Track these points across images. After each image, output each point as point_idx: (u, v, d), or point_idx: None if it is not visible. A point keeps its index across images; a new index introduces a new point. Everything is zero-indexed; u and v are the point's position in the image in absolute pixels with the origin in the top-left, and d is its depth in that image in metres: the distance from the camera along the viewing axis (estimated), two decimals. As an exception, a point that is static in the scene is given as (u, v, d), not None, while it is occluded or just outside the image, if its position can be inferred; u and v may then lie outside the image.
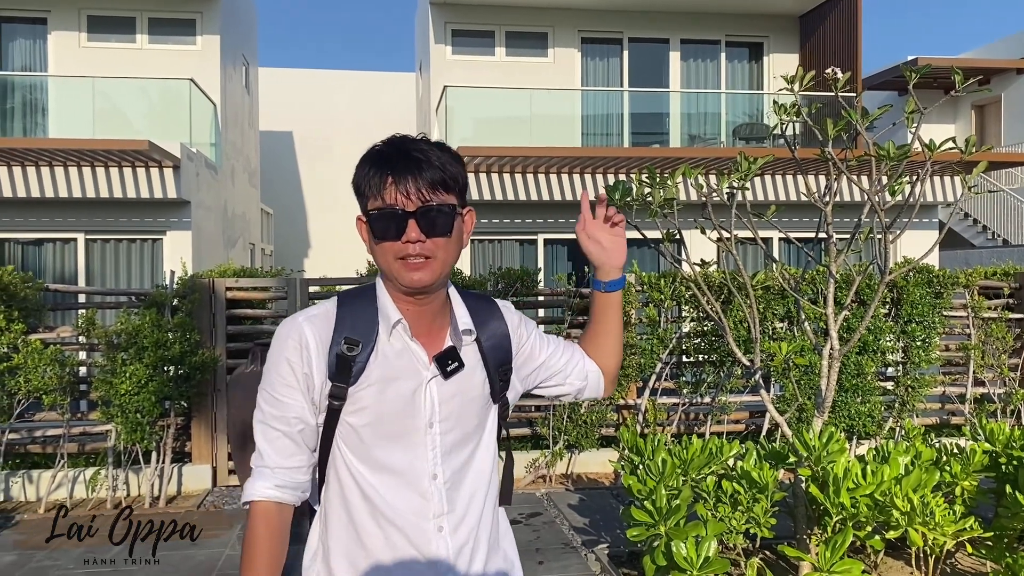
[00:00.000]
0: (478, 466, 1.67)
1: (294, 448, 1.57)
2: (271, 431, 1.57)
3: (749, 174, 4.07)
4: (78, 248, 10.81)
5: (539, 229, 11.70)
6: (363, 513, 1.57)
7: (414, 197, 1.52)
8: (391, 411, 1.56)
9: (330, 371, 1.54)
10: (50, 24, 12.22)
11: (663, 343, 6.88)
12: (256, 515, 1.54)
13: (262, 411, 1.58)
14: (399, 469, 1.57)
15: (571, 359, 1.88)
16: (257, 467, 1.57)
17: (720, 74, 13.82)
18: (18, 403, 6.23)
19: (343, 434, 1.57)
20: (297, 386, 1.55)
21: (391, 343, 1.58)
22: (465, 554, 1.62)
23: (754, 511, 4.10)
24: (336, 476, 1.59)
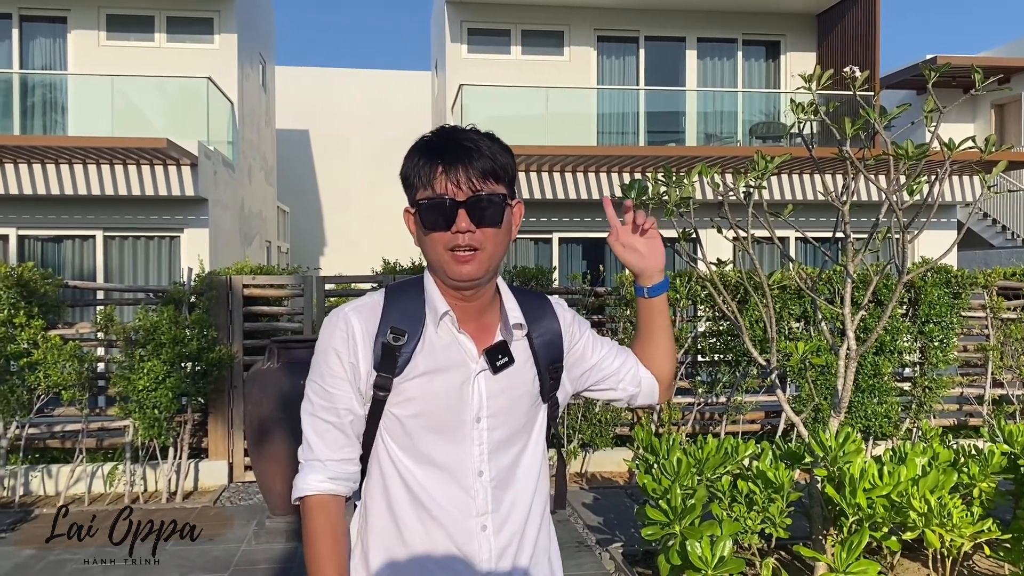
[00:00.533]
0: (526, 466, 1.62)
1: (344, 439, 1.55)
2: (321, 423, 1.54)
3: (766, 173, 4.06)
4: (97, 245, 10.90)
5: (554, 228, 11.70)
6: (405, 506, 1.54)
7: (464, 187, 1.49)
8: (438, 403, 1.53)
9: (375, 361, 1.51)
10: (70, 23, 12.32)
11: (678, 342, 6.87)
12: (313, 509, 1.52)
13: (311, 402, 1.56)
14: (444, 463, 1.54)
15: (624, 363, 1.82)
16: (308, 460, 1.55)
17: (737, 72, 13.76)
18: (37, 398, 6.29)
19: (387, 426, 1.55)
20: (345, 376, 1.53)
21: (439, 335, 1.55)
22: (508, 556, 1.57)
23: (769, 511, 4.09)
24: (379, 468, 1.57)
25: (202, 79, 11.47)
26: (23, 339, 6.20)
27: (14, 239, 10.73)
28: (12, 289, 6.21)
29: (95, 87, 11.90)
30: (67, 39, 12.35)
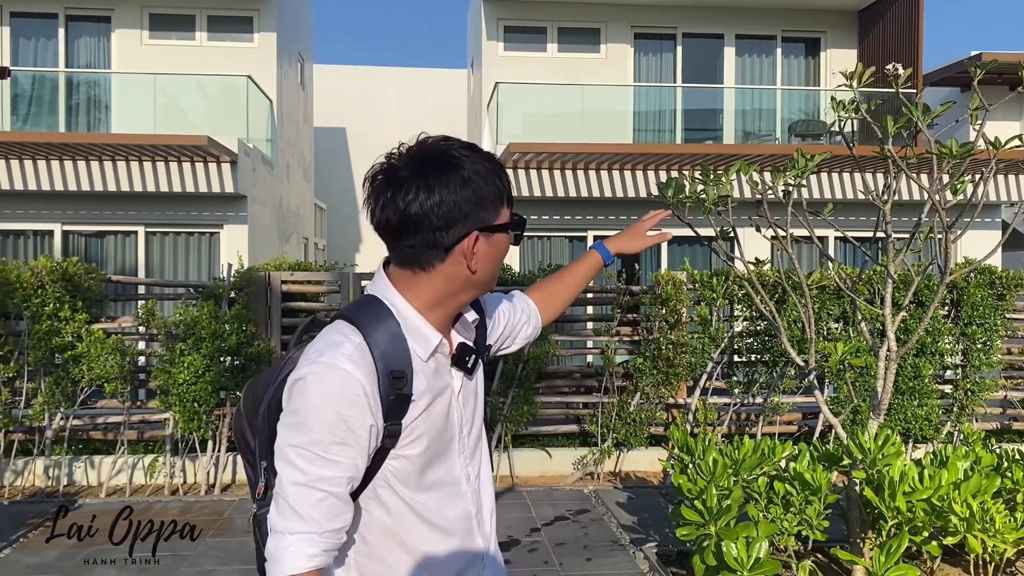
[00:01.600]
0: (486, 454, 1.69)
1: (341, 507, 1.42)
2: (316, 493, 1.38)
3: (806, 171, 4.02)
4: (138, 241, 11.10)
5: (589, 226, 11.67)
6: (422, 533, 1.52)
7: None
8: (436, 431, 1.51)
9: (385, 412, 1.43)
10: (114, 22, 12.54)
11: (715, 342, 6.82)
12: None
13: (302, 472, 1.38)
14: (443, 482, 1.55)
15: (523, 311, 1.89)
16: (295, 534, 1.38)
17: (776, 70, 13.61)
18: (81, 390, 6.43)
19: (394, 468, 1.48)
20: (357, 443, 1.40)
21: (427, 364, 1.49)
22: (493, 540, 1.67)
23: (806, 513, 4.05)
24: (382, 508, 1.50)
25: (242, 77, 11.61)
26: (68, 332, 6.34)
27: (59, 234, 10.96)
28: (57, 283, 6.34)
29: (138, 85, 12.11)
30: (111, 38, 12.58)
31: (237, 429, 1.66)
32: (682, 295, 6.84)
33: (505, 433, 6.84)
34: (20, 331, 6.36)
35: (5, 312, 6.34)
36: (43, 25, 12.49)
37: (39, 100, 12.21)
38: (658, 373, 6.81)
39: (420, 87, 25.11)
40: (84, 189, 10.60)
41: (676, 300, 6.80)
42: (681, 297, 6.82)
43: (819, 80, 13.62)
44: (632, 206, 11.62)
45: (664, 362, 6.78)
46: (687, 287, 6.92)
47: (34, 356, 6.32)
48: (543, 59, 13.17)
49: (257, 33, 12.86)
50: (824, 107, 12.99)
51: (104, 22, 12.61)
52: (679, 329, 6.86)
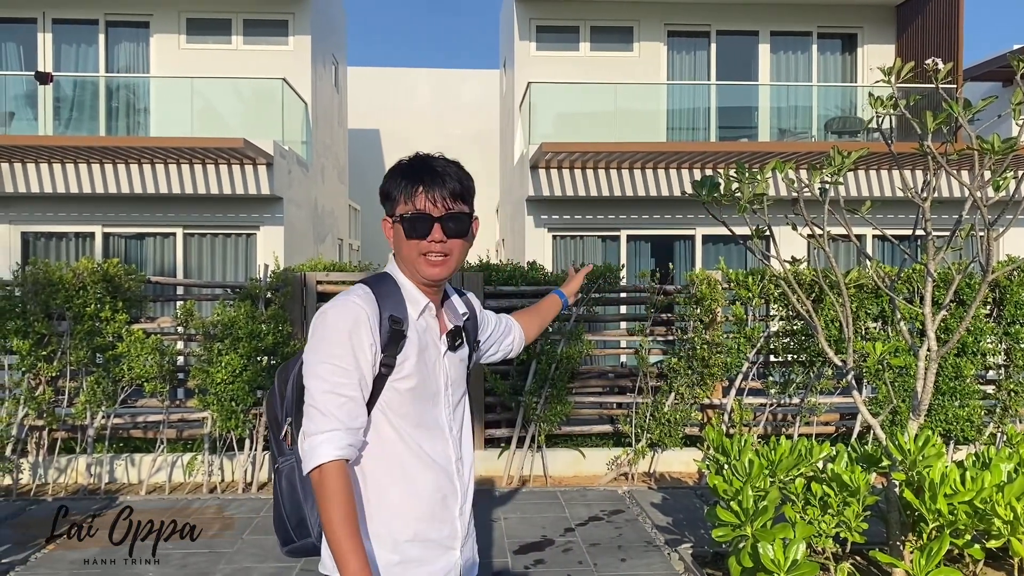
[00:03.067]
0: (467, 420, 2.07)
1: (360, 410, 1.80)
2: (339, 397, 1.76)
3: (843, 169, 3.97)
4: (177, 242, 11.27)
5: (622, 225, 11.62)
6: (407, 460, 1.87)
7: (440, 205, 1.87)
8: (425, 376, 1.90)
9: (383, 343, 1.83)
10: (152, 27, 12.74)
11: (750, 342, 6.76)
12: (333, 472, 1.72)
13: (327, 380, 1.77)
14: (430, 424, 1.92)
15: (507, 328, 2.42)
16: (325, 432, 1.74)
17: (811, 66, 13.44)
18: (122, 389, 6.55)
19: (388, 398, 1.85)
20: (363, 356, 1.80)
21: (419, 321, 1.92)
22: (470, 492, 2.03)
23: (845, 515, 4.00)
24: (377, 436, 1.86)
25: (277, 80, 11.74)
26: (109, 332, 6.46)
27: (100, 236, 11.16)
28: (98, 284, 6.46)
29: (175, 89, 12.28)
30: (149, 43, 12.78)
31: (268, 401, 2.06)
32: (717, 294, 6.78)
33: (539, 433, 6.84)
34: (63, 331, 6.49)
35: (48, 312, 6.48)
36: (84, 31, 12.73)
37: (80, 104, 12.44)
38: (693, 373, 6.76)
39: (453, 88, 25.18)
40: (124, 191, 10.78)
41: (711, 299, 6.75)
42: (716, 296, 6.77)
43: (856, 76, 13.43)
44: (665, 205, 11.55)
45: (699, 362, 6.74)
46: (722, 286, 6.86)
47: (76, 356, 6.44)
48: (576, 58, 13.14)
49: (292, 36, 12.99)
50: (861, 104, 12.81)
51: (143, 27, 12.82)
52: (714, 329, 6.80)
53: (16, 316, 6.40)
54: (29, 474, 6.65)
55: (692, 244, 11.65)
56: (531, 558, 5.01)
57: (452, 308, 2.08)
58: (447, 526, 1.93)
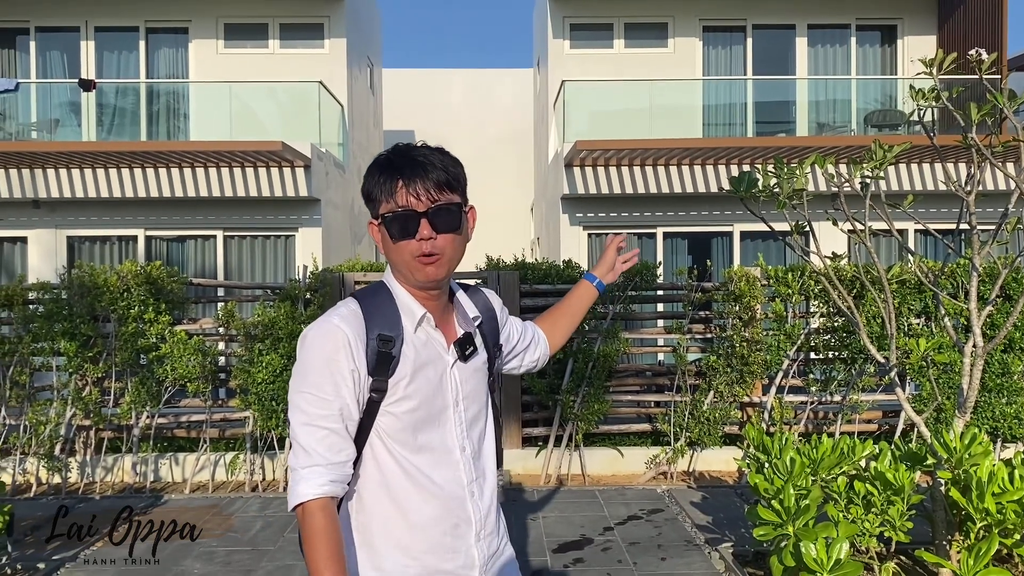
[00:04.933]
0: (490, 436, 1.87)
1: (343, 443, 1.64)
2: (318, 430, 1.62)
3: (884, 162, 3.91)
4: (217, 244, 11.43)
5: (658, 222, 11.55)
6: (408, 491, 1.70)
7: (424, 198, 1.66)
8: (425, 397, 1.70)
9: (370, 366, 1.65)
10: (191, 33, 12.94)
11: (790, 339, 6.68)
12: (315, 511, 1.59)
13: (305, 413, 1.63)
14: (434, 447, 1.72)
15: (532, 342, 2.16)
16: (305, 467, 1.61)
17: (850, 59, 13.23)
18: (166, 390, 6.67)
19: (383, 424, 1.69)
20: (344, 384, 1.63)
21: (416, 335, 1.72)
22: (492, 513, 1.81)
23: (889, 514, 3.94)
24: (376, 464, 1.70)
25: (314, 83, 11.85)
26: (152, 334, 6.58)
27: (142, 239, 11.37)
28: (142, 287, 6.59)
29: (214, 94, 12.46)
30: (188, 49, 12.98)
31: None
32: (756, 291, 6.71)
33: (576, 431, 6.83)
34: (108, 333, 6.62)
35: (94, 315, 6.62)
36: (125, 38, 12.96)
37: (122, 111, 12.68)
38: (732, 371, 6.71)
39: (487, 87, 25.22)
40: (165, 195, 10.96)
41: (750, 296, 6.69)
42: (755, 293, 6.70)
43: (896, 68, 13.20)
44: (702, 201, 11.46)
45: (738, 360, 6.68)
46: (761, 283, 6.80)
47: (121, 357, 6.57)
48: (610, 56, 13.09)
49: (328, 39, 13.10)
50: (902, 96, 12.59)
51: (182, 33, 13.02)
52: (753, 326, 6.74)
53: (63, 318, 6.55)
54: (77, 473, 6.79)
55: (730, 241, 11.54)
56: (570, 557, 5.01)
57: (462, 312, 1.85)
58: (461, 556, 1.74)
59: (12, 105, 12.13)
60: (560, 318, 2.25)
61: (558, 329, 2.24)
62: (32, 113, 12.30)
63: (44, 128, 12.15)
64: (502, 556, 1.86)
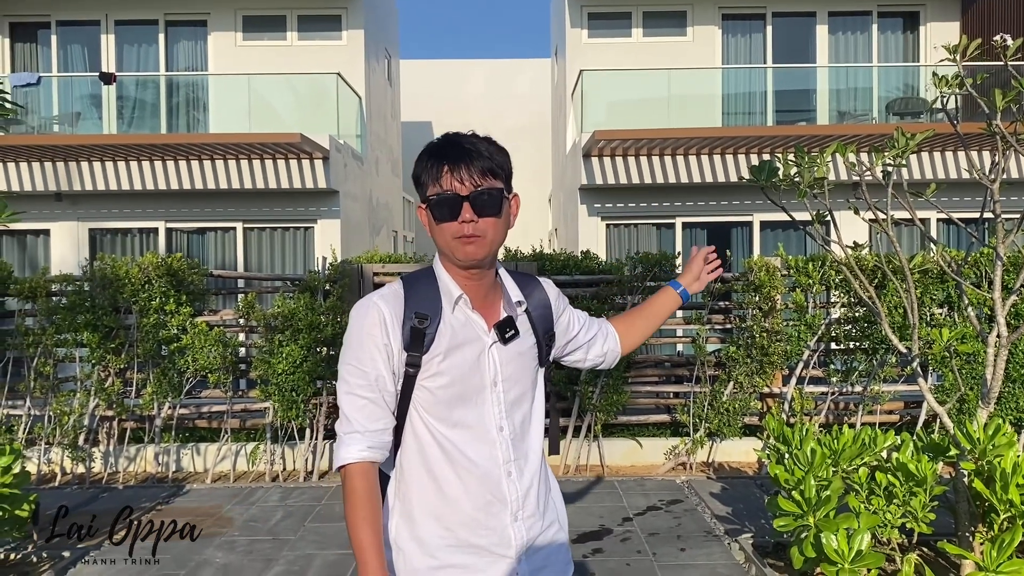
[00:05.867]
0: (536, 420, 1.91)
1: (380, 412, 1.75)
2: (358, 399, 1.75)
3: (906, 151, 3.86)
4: (237, 236, 11.50)
5: (677, 212, 11.49)
6: (442, 465, 1.78)
7: (467, 183, 1.74)
8: (460, 374, 1.78)
9: (405, 342, 1.75)
10: (210, 26, 12.98)
11: (811, 329, 6.64)
12: (355, 474, 1.71)
13: (347, 382, 1.76)
14: (470, 423, 1.79)
15: (597, 335, 2.16)
16: (346, 433, 1.74)
17: (871, 47, 13.08)
18: (187, 381, 6.72)
19: (419, 398, 1.78)
20: (380, 356, 1.75)
21: (455, 315, 1.80)
22: (531, 496, 1.86)
23: (911, 505, 3.91)
24: (414, 436, 1.80)
25: (331, 75, 11.87)
26: (173, 325, 6.63)
27: (163, 231, 11.45)
28: (163, 278, 6.64)
29: (233, 86, 12.51)
30: (207, 41, 13.03)
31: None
32: (776, 281, 6.67)
33: (595, 422, 6.82)
34: (130, 324, 6.68)
35: (116, 306, 6.68)
36: (144, 31, 13.03)
37: (142, 103, 12.75)
38: (752, 362, 6.67)
39: (504, 78, 25.18)
40: (185, 188, 11.03)
41: (770, 287, 6.65)
42: (775, 283, 6.66)
43: (918, 56, 13.04)
44: (722, 191, 11.40)
45: (758, 350, 6.64)
46: (781, 273, 6.75)
47: (143, 348, 6.63)
48: (628, 45, 13.01)
49: (345, 31, 13.11)
50: (924, 84, 12.43)
51: (200, 26, 13.07)
52: (773, 316, 6.70)
53: (86, 310, 6.61)
54: (101, 463, 6.87)
55: (750, 230, 11.47)
56: (589, 547, 5.01)
57: (507, 296, 1.90)
58: (495, 533, 1.79)
59: (34, 99, 12.22)
60: (637, 320, 2.26)
61: (634, 330, 2.24)
62: (54, 107, 12.40)
63: (66, 121, 12.25)
64: (548, 542, 1.90)
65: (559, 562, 1.93)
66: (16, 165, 11.09)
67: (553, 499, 1.97)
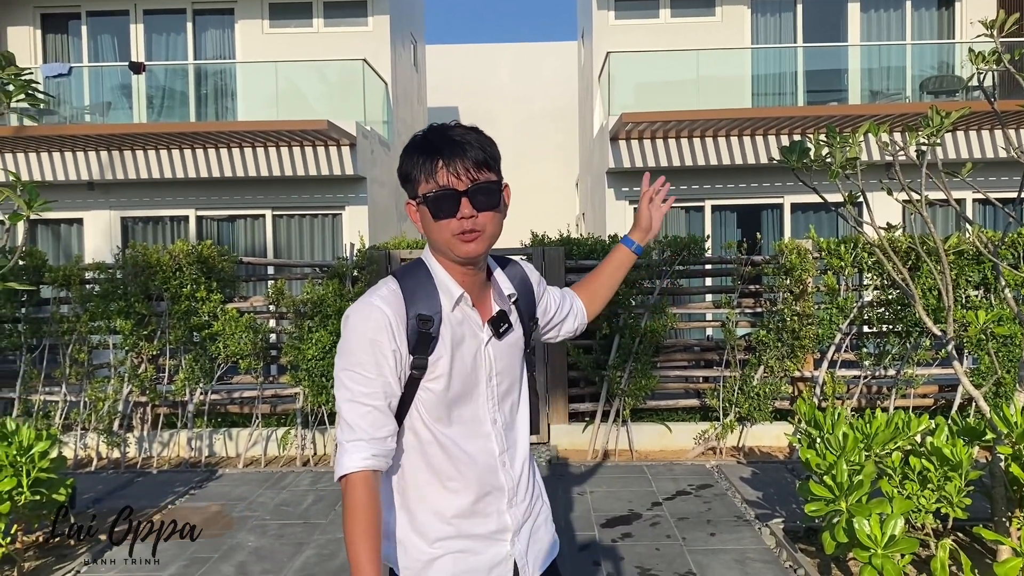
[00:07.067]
0: (522, 407, 1.93)
1: (385, 419, 1.71)
2: (361, 407, 1.69)
3: (941, 129, 3.78)
4: (266, 223, 11.58)
5: (706, 195, 11.38)
6: (442, 460, 1.78)
7: (464, 177, 1.70)
8: (460, 372, 1.77)
9: (411, 345, 1.72)
10: (237, 14, 13.03)
11: (843, 312, 6.55)
12: (357, 484, 1.66)
13: (349, 390, 1.70)
14: (466, 419, 1.80)
15: (569, 313, 2.16)
16: (350, 441, 1.69)
17: (905, 24, 12.82)
18: (218, 367, 6.79)
19: (422, 399, 1.76)
20: (386, 363, 1.70)
21: (454, 313, 1.77)
22: (523, 482, 1.89)
23: (946, 490, 3.85)
24: (414, 434, 1.79)
25: (358, 61, 11.87)
26: (204, 312, 6.69)
27: (193, 219, 11.56)
28: (193, 266, 6.70)
29: (260, 74, 12.56)
30: (234, 29, 13.08)
31: None
32: (807, 264, 6.59)
33: (623, 407, 6.80)
34: (161, 311, 6.76)
35: (148, 294, 6.75)
36: (173, 21, 13.11)
37: (171, 92, 12.84)
38: (783, 345, 6.60)
39: (530, 62, 25.04)
40: (215, 175, 11.11)
41: (801, 269, 6.57)
42: (806, 266, 6.58)
43: (954, 32, 12.76)
44: (752, 173, 11.27)
45: (789, 334, 6.57)
46: (813, 256, 6.66)
47: (175, 335, 6.71)
48: (655, 26, 12.86)
49: (371, 17, 13.09)
50: (959, 61, 12.17)
51: (228, 14, 13.12)
52: (804, 299, 6.62)
53: (118, 297, 6.70)
54: (135, 448, 6.97)
55: (780, 212, 11.33)
56: (618, 532, 5.00)
57: (498, 289, 1.89)
58: (492, 520, 1.83)
59: (66, 89, 12.36)
60: (599, 289, 2.24)
61: (597, 299, 2.24)
62: (85, 97, 12.53)
63: (97, 111, 12.38)
64: (536, 519, 1.93)
65: (548, 539, 1.98)
66: (49, 155, 11.24)
67: (535, 477, 2.00)
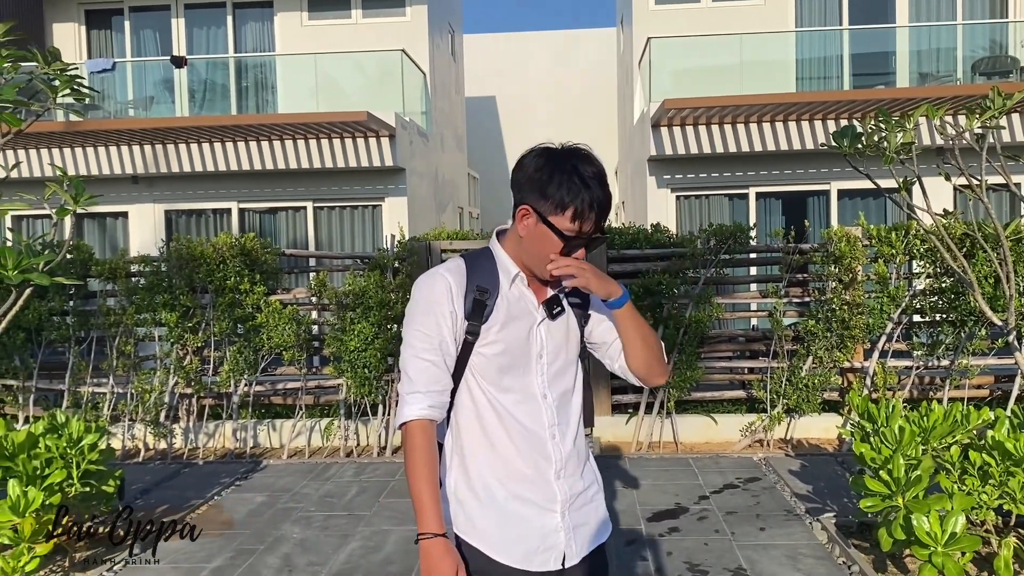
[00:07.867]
0: (577, 391, 2.07)
1: (441, 374, 1.91)
2: (422, 362, 1.90)
3: (1003, 111, 3.64)
4: (308, 216, 11.63)
5: (750, 182, 11.18)
6: (495, 425, 1.94)
7: (594, 227, 1.89)
8: (513, 344, 1.94)
9: (467, 312, 1.91)
10: (276, 6, 13.09)
11: (894, 301, 6.38)
12: (416, 431, 1.87)
13: (413, 347, 1.91)
14: (518, 389, 1.96)
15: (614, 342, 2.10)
16: (409, 393, 1.90)
17: (955, 3, 12.46)
18: (262, 358, 6.83)
19: (475, 364, 1.94)
20: (444, 324, 1.90)
21: (511, 291, 1.96)
22: (573, 458, 2.01)
23: (1009, 485, 3.72)
24: (470, 397, 1.96)
25: (396, 52, 11.85)
26: (248, 304, 6.73)
27: (235, 212, 11.66)
28: (237, 258, 6.74)
29: (300, 66, 12.60)
30: (274, 22, 13.14)
31: None
32: (857, 252, 6.42)
33: (667, 399, 6.71)
34: (206, 304, 6.81)
35: (192, 286, 6.81)
36: (213, 15, 13.21)
37: (212, 86, 12.96)
38: (832, 335, 6.45)
39: (568, 49, 24.87)
40: (256, 168, 11.19)
41: (851, 258, 6.40)
42: (856, 254, 6.41)
43: (1007, 11, 12.36)
44: (797, 159, 11.04)
45: (838, 324, 6.42)
46: (862, 243, 6.50)
47: (219, 327, 6.76)
48: (697, 11, 12.65)
49: (409, 7, 13.07)
50: (1014, 41, 11.79)
51: (267, 7, 13.18)
52: (854, 288, 6.46)
53: (163, 290, 6.76)
54: (182, 439, 7.05)
55: (827, 199, 11.09)
56: (665, 526, 4.93)
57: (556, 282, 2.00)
58: (540, 488, 1.96)
59: (110, 84, 12.53)
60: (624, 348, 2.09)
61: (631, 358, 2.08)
62: (128, 91, 12.69)
63: (140, 106, 12.54)
64: (588, 500, 2.04)
65: (597, 520, 2.06)
66: (95, 149, 11.41)
67: (592, 465, 2.11)
